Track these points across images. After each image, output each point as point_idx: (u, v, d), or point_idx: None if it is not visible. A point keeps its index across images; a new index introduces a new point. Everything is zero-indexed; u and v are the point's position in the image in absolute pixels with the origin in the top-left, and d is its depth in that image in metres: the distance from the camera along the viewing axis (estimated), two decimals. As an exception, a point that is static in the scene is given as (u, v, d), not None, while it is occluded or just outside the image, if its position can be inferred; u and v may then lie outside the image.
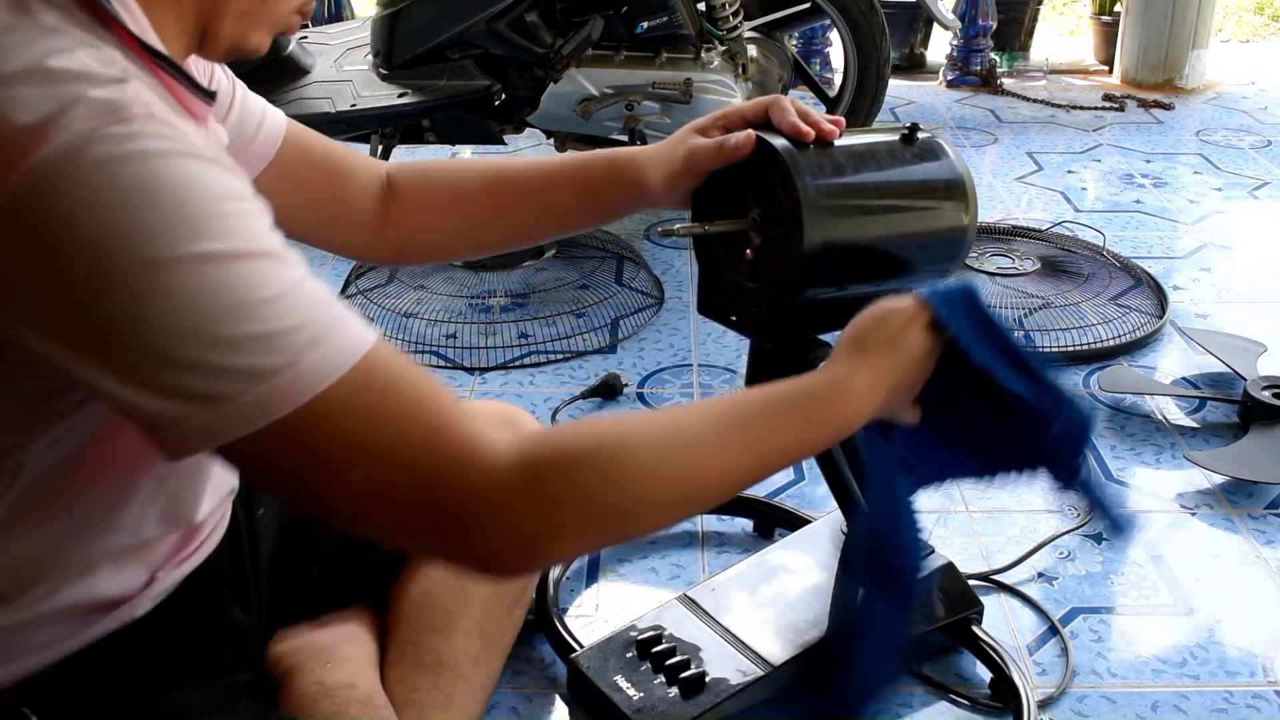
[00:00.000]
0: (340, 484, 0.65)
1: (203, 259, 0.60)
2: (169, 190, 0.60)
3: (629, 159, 0.98)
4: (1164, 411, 1.77)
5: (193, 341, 0.59)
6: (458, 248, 1.12)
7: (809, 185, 0.86)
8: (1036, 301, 2.08)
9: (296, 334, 0.61)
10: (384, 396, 0.64)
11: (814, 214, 0.86)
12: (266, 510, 1.04)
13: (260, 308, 0.61)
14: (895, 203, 0.94)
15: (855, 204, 0.91)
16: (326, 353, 0.62)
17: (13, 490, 0.72)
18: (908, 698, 1.20)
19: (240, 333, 0.60)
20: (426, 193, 1.03)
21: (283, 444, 0.62)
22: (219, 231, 0.61)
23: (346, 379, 0.63)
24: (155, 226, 0.59)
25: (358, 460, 0.64)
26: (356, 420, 0.63)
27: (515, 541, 0.67)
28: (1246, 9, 5.01)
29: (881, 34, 2.61)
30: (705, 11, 2.37)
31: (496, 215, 1.03)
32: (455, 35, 2.33)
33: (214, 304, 0.60)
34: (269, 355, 0.60)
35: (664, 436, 0.73)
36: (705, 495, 0.75)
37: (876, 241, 0.93)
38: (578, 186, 1.00)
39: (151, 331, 0.59)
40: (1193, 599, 1.36)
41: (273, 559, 1.03)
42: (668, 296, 2.16)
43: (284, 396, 0.61)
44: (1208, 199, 2.68)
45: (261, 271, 0.62)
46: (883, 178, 0.93)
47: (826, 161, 0.89)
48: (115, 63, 0.64)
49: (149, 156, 0.60)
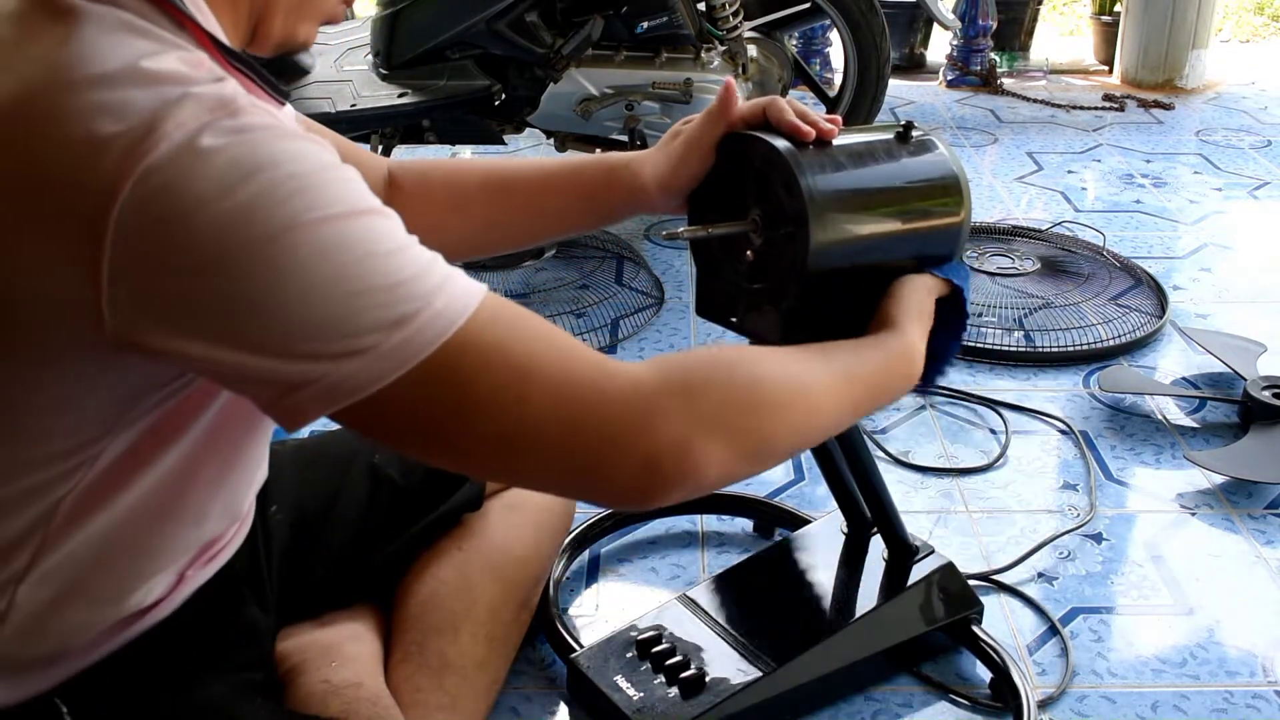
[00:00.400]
0: (481, 421, 0.65)
1: (323, 222, 0.62)
2: (283, 164, 0.62)
3: (625, 163, 0.98)
4: (1164, 411, 1.77)
5: (328, 301, 0.61)
6: (456, 248, 1.11)
7: (812, 185, 0.86)
8: (1036, 301, 2.08)
9: (422, 280, 0.63)
10: (511, 329, 0.66)
11: (818, 213, 0.86)
12: (279, 507, 1.04)
13: (386, 259, 0.63)
14: (895, 200, 0.95)
15: (857, 203, 0.91)
16: (453, 295, 0.64)
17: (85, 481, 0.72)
18: (908, 697, 1.21)
19: (372, 284, 0.62)
20: (427, 192, 1.03)
21: (421, 390, 0.63)
22: (333, 197, 0.63)
23: (475, 317, 0.65)
24: (276, 199, 0.61)
25: (497, 393, 0.65)
26: (490, 354, 0.65)
27: (667, 447, 0.67)
28: (1246, 9, 5.02)
29: (881, 34, 2.61)
30: (705, 11, 2.37)
31: (495, 217, 1.03)
32: (455, 35, 2.33)
33: (342, 262, 0.61)
34: (402, 304, 0.62)
35: (780, 356, 0.77)
36: (822, 414, 0.78)
37: (878, 238, 0.93)
38: (575, 190, 1.01)
39: (288, 300, 0.61)
40: (1193, 599, 1.36)
41: (282, 557, 1.03)
42: (668, 296, 2.16)
43: (421, 341, 0.62)
44: (1208, 199, 2.68)
45: (378, 227, 0.64)
46: (881, 176, 0.94)
47: (826, 161, 0.89)
48: (203, 64, 0.65)
49: (260, 139, 0.62)
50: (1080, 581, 1.39)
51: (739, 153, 0.92)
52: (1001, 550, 1.44)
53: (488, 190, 1.02)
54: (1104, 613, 1.34)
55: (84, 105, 0.60)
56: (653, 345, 1.98)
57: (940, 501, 1.55)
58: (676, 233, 0.90)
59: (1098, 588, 1.38)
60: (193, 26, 0.67)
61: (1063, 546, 1.45)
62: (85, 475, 0.71)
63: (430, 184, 1.03)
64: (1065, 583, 1.38)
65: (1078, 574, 1.40)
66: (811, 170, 0.87)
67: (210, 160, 0.60)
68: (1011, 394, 1.80)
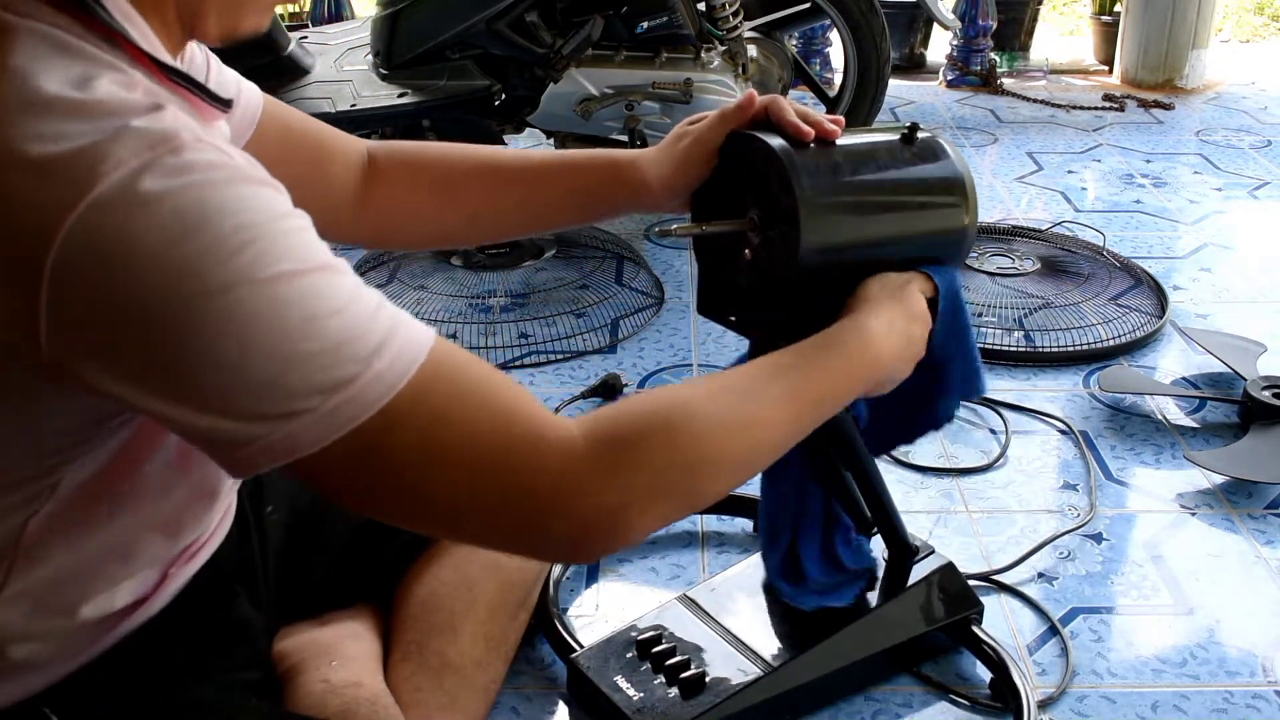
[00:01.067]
0: (419, 485, 0.65)
1: (267, 282, 0.60)
2: (229, 215, 0.59)
3: (630, 161, 0.98)
4: (1164, 411, 1.77)
5: (267, 363, 0.60)
6: (440, 236, 1.11)
7: (806, 185, 0.86)
8: (1036, 301, 2.08)
9: (363, 342, 0.62)
10: (452, 392, 0.65)
11: (811, 214, 0.86)
12: (275, 508, 1.04)
13: (327, 321, 0.61)
14: (894, 203, 0.94)
15: (853, 204, 0.91)
16: (393, 357, 0.63)
17: (49, 505, 0.72)
18: (908, 697, 1.20)
19: (312, 348, 0.61)
20: (412, 177, 1.02)
21: (360, 452, 0.63)
22: (279, 254, 0.61)
23: (415, 380, 0.63)
24: (220, 257, 0.59)
25: (435, 458, 0.65)
26: (429, 419, 0.64)
27: (600, 517, 0.68)
28: (1246, 9, 5.01)
29: (881, 34, 2.61)
30: (705, 11, 2.37)
31: (484, 206, 1.02)
32: (455, 35, 2.33)
33: (283, 324, 0.60)
34: (340, 367, 0.61)
35: (719, 397, 0.76)
36: (764, 449, 0.79)
37: (875, 242, 0.93)
38: (574, 185, 1.00)
39: (228, 360, 0.59)
40: (1193, 599, 1.36)
41: (279, 557, 1.03)
42: (668, 296, 2.16)
43: (358, 405, 0.61)
44: (1208, 199, 2.68)
45: (323, 285, 0.62)
46: (882, 178, 0.93)
47: (825, 162, 0.89)
48: (139, 85, 0.63)
49: (205, 185, 0.60)
50: (1080, 581, 1.39)
51: (739, 152, 0.92)
52: (1001, 550, 1.44)
53: (482, 178, 1.01)
54: (1104, 613, 1.34)
55: (17, 139, 0.58)
56: (653, 345, 1.98)
57: (940, 501, 1.55)
58: (670, 229, 0.90)
59: (1098, 588, 1.38)
60: (124, 42, 0.65)
61: (1063, 546, 1.45)
62: (49, 499, 0.71)
63: (416, 168, 1.02)
64: (1065, 583, 1.38)
65: (1078, 574, 1.40)
66: (806, 169, 0.87)
67: (153, 209, 0.58)
68: (1011, 394, 1.80)
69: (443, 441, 0.64)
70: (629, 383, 1.83)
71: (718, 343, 1.98)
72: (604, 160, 1.00)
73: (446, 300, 2.13)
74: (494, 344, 1.98)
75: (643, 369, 1.90)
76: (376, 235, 1.06)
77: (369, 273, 2.25)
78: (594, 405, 1.78)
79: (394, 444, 0.63)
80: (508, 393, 0.68)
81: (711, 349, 1.96)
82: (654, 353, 1.95)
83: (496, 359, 1.93)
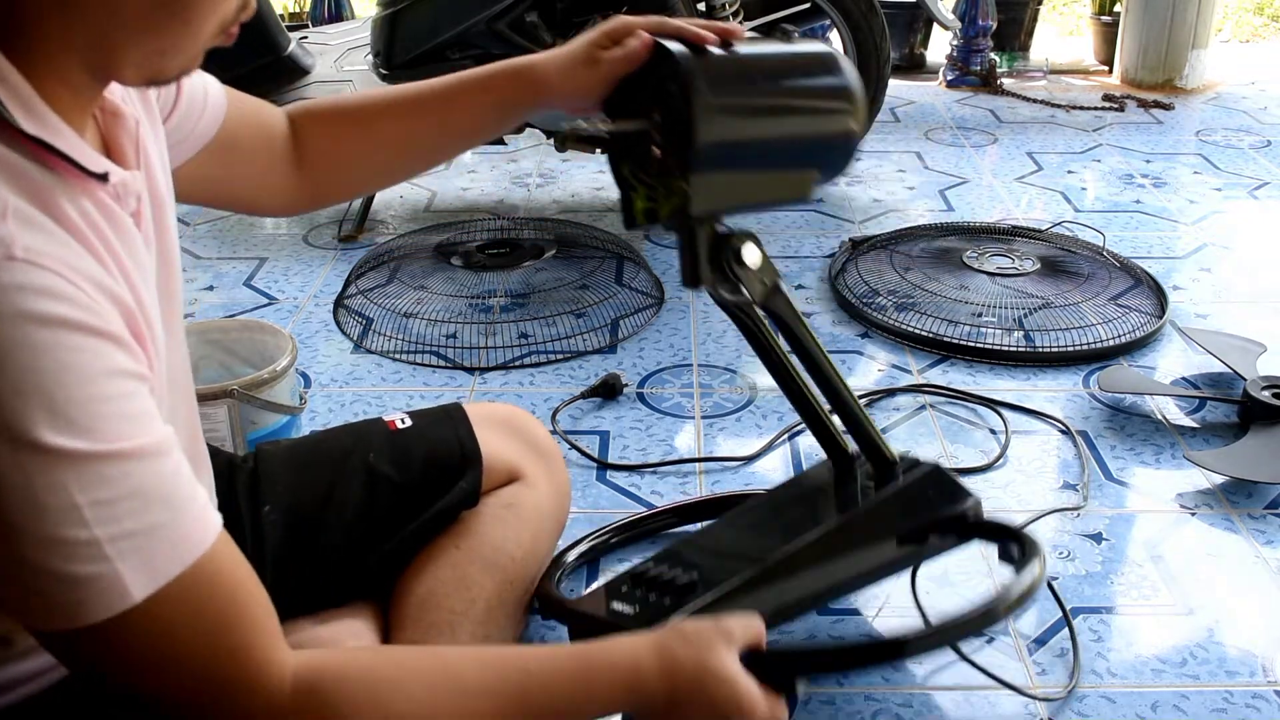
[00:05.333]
0: (136, 690, 0.65)
1: (53, 454, 0.58)
2: (35, 369, 0.57)
3: (529, 65, 1.00)
4: (1164, 411, 1.77)
5: (18, 537, 0.58)
6: (372, 177, 1.11)
7: (701, 86, 0.91)
8: (1036, 301, 2.08)
9: (120, 542, 0.60)
10: (193, 615, 0.64)
11: (705, 111, 0.91)
12: (273, 507, 1.04)
13: (91, 510, 0.59)
14: (786, 105, 1.00)
15: (747, 105, 0.96)
16: (145, 563, 0.61)
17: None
18: (908, 698, 1.20)
19: (65, 536, 0.58)
20: (330, 127, 1.03)
21: (90, 646, 0.62)
22: (78, 423, 0.58)
23: (160, 594, 0.62)
24: (14, 406, 0.57)
25: (152, 673, 0.65)
26: (159, 635, 0.63)
27: None
28: (1246, 9, 5.02)
29: (881, 34, 2.61)
30: (705, 12, 2.37)
31: (404, 136, 1.03)
32: (455, 35, 2.33)
33: (45, 504, 0.58)
34: (86, 563, 0.59)
35: (437, 685, 0.73)
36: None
37: (767, 140, 0.98)
38: (483, 99, 1.01)
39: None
40: (1193, 599, 1.36)
41: (277, 557, 1.03)
42: (668, 296, 2.16)
43: (92, 607, 0.60)
44: (1207, 199, 2.68)
45: (107, 471, 0.60)
46: (776, 83, 0.99)
47: (723, 66, 0.95)
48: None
49: (21, 320, 0.57)
50: (1080, 581, 1.39)
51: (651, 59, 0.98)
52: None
53: (394, 111, 1.02)
54: (1104, 613, 1.34)
55: None
56: (653, 345, 1.98)
57: (940, 501, 1.54)
58: (575, 128, 0.94)
59: (1098, 588, 1.38)
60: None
61: (1063, 546, 1.45)
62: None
63: (331, 118, 1.03)
64: (1065, 583, 1.38)
65: (1078, 574, 1.40)
66: (701, 70, 0.92)
67: None
68: (1011, 394, 1.80)
69: (163, 662, 0.65)
70: (629, 383, 1.83)
71: (718, 343, 1.98)
72: (508, 68, 1.01)
73: (446, 300, 2.13)
74: (494, 344, 1.98)
75: (643, 369, 1.90)
76: (315, 194, 1.06)
77: (369, 273, 2.25)
78: (594, 405, 1.78)
79: (120, 648, 0.63)
80: (248, 625, 0.68)
81: (711, 349, 1.96)
82: (654, 353, 1.95)
83: (496, 359, 1.93)
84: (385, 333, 2.03)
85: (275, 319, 2.07)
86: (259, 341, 1.57)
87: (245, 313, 2.13)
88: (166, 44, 0.66)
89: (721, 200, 0.97)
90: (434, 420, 1.17)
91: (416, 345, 1.99)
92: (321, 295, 2.21)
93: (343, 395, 1.83)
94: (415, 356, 1.95)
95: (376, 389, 1.85)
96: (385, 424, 1.16)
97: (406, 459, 1.12)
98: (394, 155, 1.04)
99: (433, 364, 1.93)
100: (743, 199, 1.01)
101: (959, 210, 2.61)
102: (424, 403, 1.79)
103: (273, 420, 1.48)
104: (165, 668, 0.65)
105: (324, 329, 2.06)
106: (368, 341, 2.01)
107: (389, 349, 1.98)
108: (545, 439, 1.26)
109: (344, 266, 2.31)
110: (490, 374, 1.90)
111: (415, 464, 1.12)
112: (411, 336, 2.01)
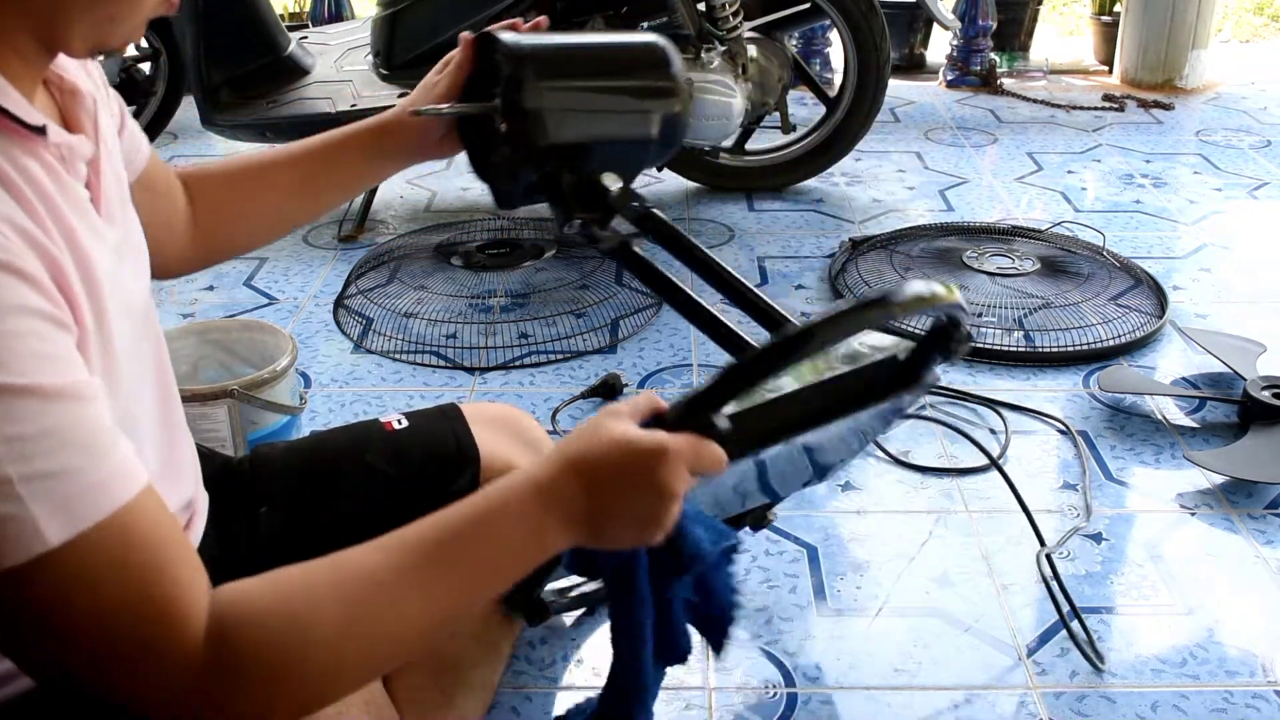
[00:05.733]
0: (49, 647, 0.62)
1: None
2: None
3: (388, 117, 1.03)
4: (1164, 411, 1.77)
5: None
6: (252, 235, 1.12)
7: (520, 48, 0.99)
8: (1036, 301, 2.08)
9: (33, 483, 0.58)
10: (112, 568, 0.61)
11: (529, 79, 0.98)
12: (270, 508, 1.04)
13: (2, 446, 0.57)
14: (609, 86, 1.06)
15: (567, 68, 1.03)
16: (60, 508, 0.59)
17: None
18: (908, 698, 1.20)
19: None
20: (211, 189, 1.05)
21: (5, 591, 0.59)
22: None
23: (77, 541, 0.59)
24: None
25: (69, 628, 0.61)
26: (76, 586, 0.60)
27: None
28: (1246, 9, 5.02)
29: (881, 34, 2.61)
30: (705, 11, 2.37)
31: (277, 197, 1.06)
32: (455, 35, 2.33)
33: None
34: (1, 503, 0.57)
35: (350, 591, 0.71)
36: (401, 642, 0.72)
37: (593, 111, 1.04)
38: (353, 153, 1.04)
39: None
40: (1193, 599, 1.36)
41: (274, 557, 1.03)
42: (668, 296, 2.16)
43: (6, 548, 0.58)
44: (1207, 199, 2.68)
45: (16, 406, 0.58)
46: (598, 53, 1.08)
47: (550, 49, 1.02)
48: None
49: None
50: (1080, 581, 1.39)
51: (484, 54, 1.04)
52: (1001, 550, 1.44)
53: (266, 173, 1.05)
54: (1104, 613, 1.34)
55: None
56: (653, 345, 1.98)
57: (940, 501, 1.54)
58: (422, 110, 0.99)
59: (1098, 588, 1.38)
60: None
61: (1063, 546, 1.45)
62: None
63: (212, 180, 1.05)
64: (1065, 583, 1.38)
65: (1078, 574, 1.40)
66: (528, 50, 1.00)
67: None
68: (1011, 394, 1.80)
69: (78, 614, 0.61)
70: (629, 383, 1.83)
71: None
72: (373, 123, 1.04)
73: (447, 300, 2.13)
74: (494, 344, 1.98)
75: (643, 369, 1.90)
76: (207, 251, 1.07)
77: (369, 273, 2.25)
78: (594, 405, 1.78)
79: (33, 597, 0.60)
80: (170, 580, 0.64)
81: (711, 349, 1.96)
82: (654, 353, 1.95)
83: (496, 359, 1.93)
84: (385, 333, 2.03)
85: (275, 319, 2.07)
86: (259, 341, 1.57)
87: (245, 313, 2.13)
88: (114, 10, 0.68)
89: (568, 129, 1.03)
90: (431, 420, 1.18)
91: (416, 345, 1.99)
92: (321, 295, 2.21)
93: (343, 395, 1.83)
94: (415, 356, 1.95)
95: (376, 389, 1.85)
96: (382, 425, 1.16)
97: (404, 458, 1.12)
98: (271, 213, 1.07)
99: (433, 364, 1.93)
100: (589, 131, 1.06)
101: (959, 210, 2.61)
102: (424, 403, 1.79)
103: (273, 420, 1.48)
104: (81, 624, 0.61)
105: (324, 329, 2.07)
106: (368, 341, 2.01)
107: (389, 349, 1.98)
108: (542, 437, 1.26)
109: (344, 266, 2.31)
110: (490, 374, 1.90)
111: (413, 463, 1.12)
112: (411, 336, 2.01)
